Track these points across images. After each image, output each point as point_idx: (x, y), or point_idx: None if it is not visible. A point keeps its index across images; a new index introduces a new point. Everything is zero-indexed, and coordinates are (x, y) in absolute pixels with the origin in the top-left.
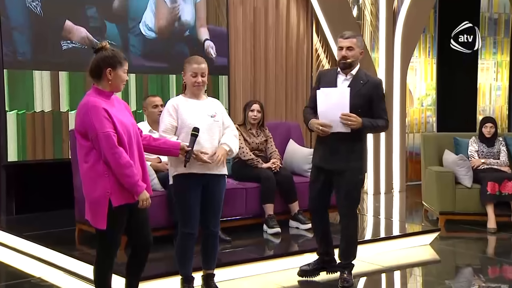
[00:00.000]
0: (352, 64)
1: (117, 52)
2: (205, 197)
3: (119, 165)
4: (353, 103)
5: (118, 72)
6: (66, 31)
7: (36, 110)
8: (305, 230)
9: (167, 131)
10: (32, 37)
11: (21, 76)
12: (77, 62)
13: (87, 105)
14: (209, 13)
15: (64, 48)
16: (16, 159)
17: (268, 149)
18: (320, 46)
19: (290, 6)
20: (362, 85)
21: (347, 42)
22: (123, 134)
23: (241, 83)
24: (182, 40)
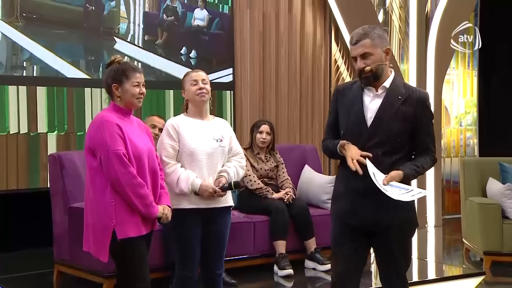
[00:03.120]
0: (377, 73)
1: (124, 65)
2: (207, 234)
3: (133, 185)
4: (389, 132)
5: (125, 86)
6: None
7: (11, 131)
8: (323, 272)
9: (170, 156)
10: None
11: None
12: (57, 76)
13: (100, 120)
14: None
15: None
16: (4, 188)
17: (279, 177)
18: (340, 57)
19: (305, 11)
20: (401, 102)
21: (358, 48)
22: (133, 157)
23: (248, 100)
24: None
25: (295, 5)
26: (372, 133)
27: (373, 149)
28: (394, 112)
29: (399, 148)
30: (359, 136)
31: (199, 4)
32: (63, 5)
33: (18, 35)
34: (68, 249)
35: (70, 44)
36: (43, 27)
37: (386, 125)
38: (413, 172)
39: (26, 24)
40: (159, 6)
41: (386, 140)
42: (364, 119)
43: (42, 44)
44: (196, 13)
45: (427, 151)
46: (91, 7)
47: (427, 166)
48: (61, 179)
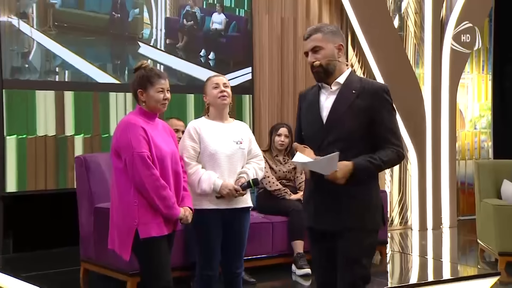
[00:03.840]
0: (328, 68)
1: (150, 71)
2: (227, 234)
3: (156, 187)
4: (344, 129)
5: (149, 92)
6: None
7: (39, 134)
8: None
9: (191, 157)
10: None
11: (22, 97)
12: (86, 80)
13: (125, 123)
14: None
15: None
16: (15, 190)
17: (297, 179)
18: (356, 61)
19: (323, 16)
20: (355, 96)
21: (309, 43)
22: (156, 159)
23: (267, 104)
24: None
25: (312, 11)
26: (327, 131)
27: (330, 147)
28: (348, 107)
29: (357, 144)
30: (316, 136)
31: (217, 9)
32: (91, 14)
33: (51, 42)
34: (94, 248)
35: (98, 50)
36: (73, 34)
37: (341, 121)
38: (366, 163)
39: (58, 33)
40: (180, 11)
41: (342, 136)
42: (320, 118)
43: (72, 51)
44: (214, 17)
45: (388, 145)
46: (117, 15)
47: (387, 158)
48: (87, 180)
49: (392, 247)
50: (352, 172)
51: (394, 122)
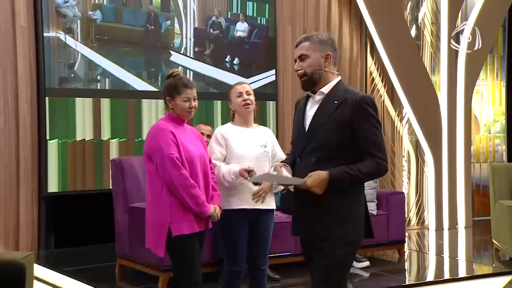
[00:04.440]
0: (313, 77)
1: (179, 80)
2: (252, 233)
3: (186, 186)
4: (323, 139)
5: (176, 101)
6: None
7: (77, 138)
8: (360, 269)
9: (218, 160)
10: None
11: (62, 104)
12: (124, 87)
13: (156, 128)
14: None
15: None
16: (56, 190)
17: None
18: (375, 69)
19: (343, 27)
20: (336, 106)
21: (298, 51)
22: (185, 161)
23: (290, 110)
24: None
25: (333, 22)
26: (307, 140)
27: (309, 156)
28: (328, 117)
29: (337, 155)
30: (299, 143)
31: (240, 18)
32: (128, 27)
33: (93, 54)
34: (128, 244)
35: (134, 59)
36: (112, 46)
37: (320, 131)
38: (342, 173)
39: (99, 45)
40: (207, 22)
41: (320, 146)
42: (303, 126)
43: (112, 60)
44: (238, 25)
45: (369, 156)
46: (151, 27)
47: (366, 170)
48: (122, 181)
49: (409, 246)
50: (327, 182)
51: (376, 134)
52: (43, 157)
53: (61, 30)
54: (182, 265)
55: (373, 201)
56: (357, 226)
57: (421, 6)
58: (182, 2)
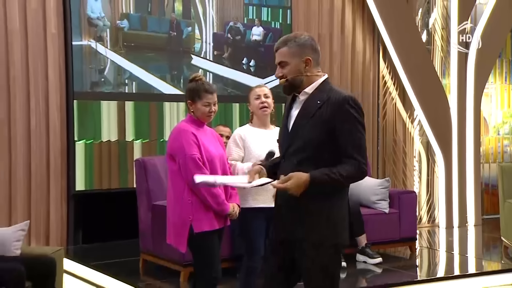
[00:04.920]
0: (294, 83)
1: (201, 84)
2: (269, 231)
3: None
4: (305, 139)
5: (197, 104)
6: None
7: (103, 139)
8: (373, 265)
9: (234, 161)
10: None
11: (89, 107)
12: (149, 90)
13: (178, 130)
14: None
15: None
16: (83, 188)
17: None
18: (387, 73)
19: (356, 32)
20: (318, 106)
21: (277, 57)
22: (206, 161)
23: None
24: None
25: (347, 27)
26: (290, 141)
27: (292, 156)
28: (310, 117)
29: (318, 157)
30: (283, 144)
31: (256, 23)
32: (152, 34)
33: (121, 59)
34: (151, 241)
35: (158, 63)
36: (138, 52)
37: (302, 132)
38: (323, 176)
39: (126, 51)
40: (225, 27)
41: (302, 147)
42: (287, 127)
43: (138, 65)
44: (253, 30)
45: (349, 159)
46: (173, 33)
47: (347, 174)
48: (145, 180)
49: (420, 243)
50: (307, 184)
51: (357, 135)
52: (71, 158)
53: (92, 38)
54: (202, 261)
55: (385, 199)
56: (339, 229)
57: (432, 12)
58: (202, 10)
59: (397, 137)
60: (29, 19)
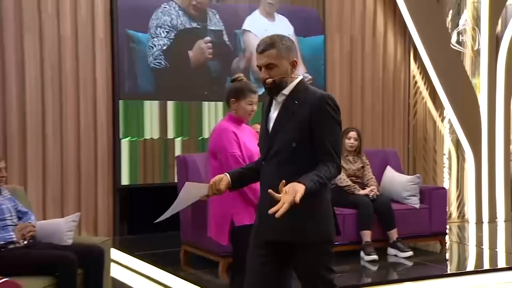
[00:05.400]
0: (281, 85)
1: (246, 84)
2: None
3: None
4: (285, 140)
5: (241, 103)
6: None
7: (146, 137)
8: (404, 259)
9: None
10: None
11: (133, 106)
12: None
13: (219, 128)
14: None
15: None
16: (128, 183)
17: (365, 176)
18: (418, 73)
19: (387, 34)
20: (297, 106)
21: (264, 58)
22: (246, 158)
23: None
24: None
25: (378, 30)
26: (271, 143)
27: (273, 158)
28: (289, 118)
29: (297, 157)
30: (264, 146)
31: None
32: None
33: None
34: (192, 233)
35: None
36: None
37: (282, 133)
38: (316, 186)
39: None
40: None
41: (282, 148)
42: (266, 129)
43: None
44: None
45: (328, 157)
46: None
47: (330, 175)
48: (186, 175)
49: (450, 238)
50: (304, 196)
51: (336, 134)
52: (117, 154)
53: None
54: (242, 253)
55: (415, 195)
56: (325, 225)
57: (462, 13)
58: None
59: (428, 135)
60: (79, 26)
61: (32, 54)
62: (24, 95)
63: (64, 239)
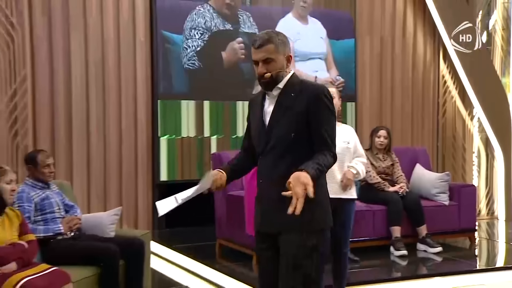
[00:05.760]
0: (277, 79)
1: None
2: (335, 219)
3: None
4: (283, 133)
5: None
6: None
7: (183, 135)
8: (433, 254)
9: None
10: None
11: (171, 106)
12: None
13: None
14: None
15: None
16: (166, 179)
17: (394, 173)
18: (447, 73)
19: (417, 35)
20: (293, 99)
21: (261, 53)
22: None
23: (368, 110)
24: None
25: (408, 31)
26: (268, 136)
27: (269, 153)
28: (286, 111)
29: (295, 149)
30: (260, 140)
31: None
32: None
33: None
34: (226, 227)
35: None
36: None
37: (280, 126)
38: (317, 173)
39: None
40: None
41: (281, 141)
42: (263, 123)
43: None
44: None
45: (325, 146)
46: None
47: (328, 163)
48: None
49: (479, 234)
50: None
51: (332, 125)
52: (156, 152)
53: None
54: None
55: (445, 192)
56: (322, 212)
57: (492, 14)
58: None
59: (457, 133)
60: (121, 29)
61: (78, 55)
62: (70, 95)
63: (107, 231)
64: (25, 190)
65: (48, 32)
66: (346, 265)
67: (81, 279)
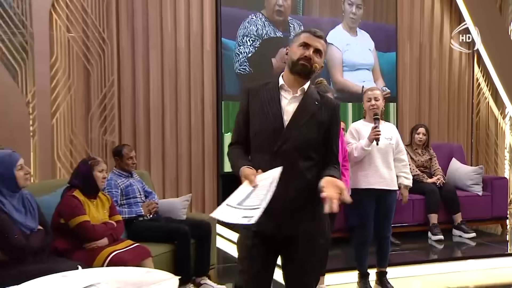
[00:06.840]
0: (311, 74)
1: (325, 87)
2: (379, 208)
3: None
4: (304, 138)
5: None
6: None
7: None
8: (468, 239)
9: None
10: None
11: (232, 107)
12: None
13: None
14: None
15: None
16: (229, 170)
17: (432, 167)
18: (481, 76)
19: (454, 41)
20: (317, 107)
21: (318, 42)
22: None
23: (408, 110)
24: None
25: (445, 37)
26: (287, 136)
27: (287, 153)
28: (310, 117)
29: (312, 154)
30: (274, 139)
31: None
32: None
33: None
34: None
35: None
36: None
37: (301, 129)
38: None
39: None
40: None
41: (300, 144)
42: (281, 121)
43: None
44: None
45: (334, 159)
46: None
47: (339, 178)
48: None
49: (511, 222)
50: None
51: (337, 140)
52: (220, 146)
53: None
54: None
55: (478, 184)
56: (326, 222)
57: None
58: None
59: (490, 131)
60: (191, 40)
61: (155, 63)
62: (148, 97)
63: (180, 214)
64: (113, 178)
65: (131, 45)
66: (388, 248)
67: (159, 254)
